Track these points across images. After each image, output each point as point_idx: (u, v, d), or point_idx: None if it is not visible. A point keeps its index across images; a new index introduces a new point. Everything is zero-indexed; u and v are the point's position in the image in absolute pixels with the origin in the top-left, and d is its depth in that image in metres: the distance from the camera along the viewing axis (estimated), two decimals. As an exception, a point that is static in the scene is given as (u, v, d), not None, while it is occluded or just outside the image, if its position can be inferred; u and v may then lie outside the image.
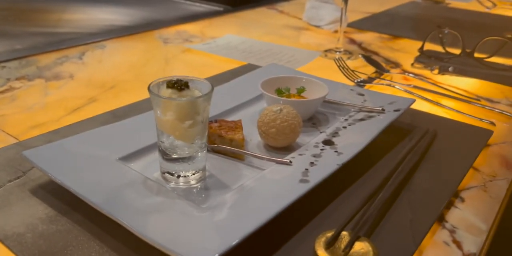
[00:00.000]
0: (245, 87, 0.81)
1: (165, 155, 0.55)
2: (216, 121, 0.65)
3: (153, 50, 1.14)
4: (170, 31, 1.28)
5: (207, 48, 1.14)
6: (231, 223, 0.47)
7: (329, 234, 0.49)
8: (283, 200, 0.50)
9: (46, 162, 0.55)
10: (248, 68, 0.99)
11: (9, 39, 1.15)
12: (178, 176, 0.55)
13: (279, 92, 0.74)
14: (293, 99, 0.72)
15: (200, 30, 1.31)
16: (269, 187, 0.54)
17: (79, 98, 0.84)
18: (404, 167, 0.62)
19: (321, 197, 0.56)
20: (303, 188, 0.53)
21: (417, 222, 0.53)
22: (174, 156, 0.54)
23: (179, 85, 0.52)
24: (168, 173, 0.56)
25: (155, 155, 0.60)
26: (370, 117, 0.72)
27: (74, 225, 0.50)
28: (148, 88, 0.52)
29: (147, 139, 0.62)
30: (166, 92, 0.52)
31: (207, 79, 0.57)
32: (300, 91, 0.74)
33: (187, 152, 0.54)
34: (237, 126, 0.64)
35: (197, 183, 0.56)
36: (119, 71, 0.98)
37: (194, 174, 0.56)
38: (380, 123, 0.69)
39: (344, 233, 0.49)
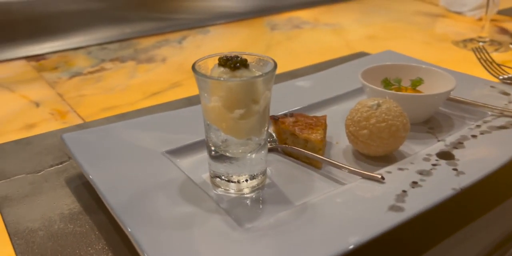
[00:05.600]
0: (343, 77, 0.64)
1: (212, 153, 0.42)
2: (292, 115, 0.50)
3: (257, 36, 1.03)
4: (282, 18, 1.16)
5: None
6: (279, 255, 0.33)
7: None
8: (360, 233, 0.34)
9: (81, 149, 0.47)
10: (359, 56, 0.82)
11: (122, 24, 1.15)
12: (228, 181, 0.43)
13: (386, 83, 0.56)
14: (404, 93, 0.54)
15: (314, 16, 1.17)
16: (344, 210, 0.38)
17: (163, 82, 0.77)
18: None
19: (420, 231, 0.39)
20: (392, 219, 0.36)
21: None
22: (226, 154, 0.42)
23: (234, 62, 0.39)
24: (217, 176, 0.43)
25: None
26: (516, 124, 0.50)
27: (93, 228, 0.41)
28: (193, 66, 0.40)
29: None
30: (217, 71, 0.40)
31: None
32: (416, 83, 0.55)
33: (240, 151, 0.41)
34: (318, 123, 0.49)
35: (251, 192, 0.43)
36: (214, 57, 0.89)
37: (247, 180, 0.43)
38: (530, 134, 0.48)
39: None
